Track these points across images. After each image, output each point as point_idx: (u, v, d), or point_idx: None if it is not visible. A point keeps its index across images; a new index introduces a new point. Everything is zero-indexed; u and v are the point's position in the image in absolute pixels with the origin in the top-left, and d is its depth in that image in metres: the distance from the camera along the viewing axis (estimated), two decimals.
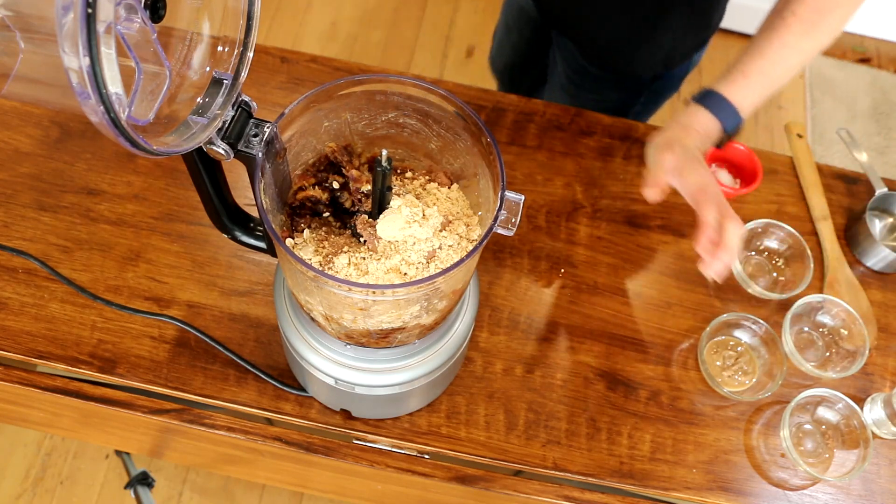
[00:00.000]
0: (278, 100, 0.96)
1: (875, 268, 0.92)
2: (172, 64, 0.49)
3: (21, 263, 0.81)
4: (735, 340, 0.85)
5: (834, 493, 0.79)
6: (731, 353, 0.84)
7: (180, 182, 0.89)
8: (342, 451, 0.78)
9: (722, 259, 0.71)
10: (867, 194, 0.97)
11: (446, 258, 0.58)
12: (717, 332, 0.84)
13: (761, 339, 0.83)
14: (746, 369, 0.83)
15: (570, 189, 0.94)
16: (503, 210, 0.53)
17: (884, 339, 0.88)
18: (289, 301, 0.69)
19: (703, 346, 0.82)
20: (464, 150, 0.61)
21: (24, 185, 0.86)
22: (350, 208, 0.62)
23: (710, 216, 0.72)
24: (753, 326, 0.83)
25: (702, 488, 0.77)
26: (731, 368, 0.83)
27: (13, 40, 0.40)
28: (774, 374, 0.81)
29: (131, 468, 1.37)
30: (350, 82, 0.58)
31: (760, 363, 0.83)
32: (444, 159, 0.63)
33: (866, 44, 2.37)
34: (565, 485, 0.79)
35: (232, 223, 0.65)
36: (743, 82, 0.77)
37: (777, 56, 0.76)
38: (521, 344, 0.83)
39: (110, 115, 0.39)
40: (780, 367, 0.81)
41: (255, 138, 0.53)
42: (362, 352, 0.65)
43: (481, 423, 0.78)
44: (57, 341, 0.78)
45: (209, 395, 0.77)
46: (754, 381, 0.82)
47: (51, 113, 0.91)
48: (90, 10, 0.35)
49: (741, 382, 0.83)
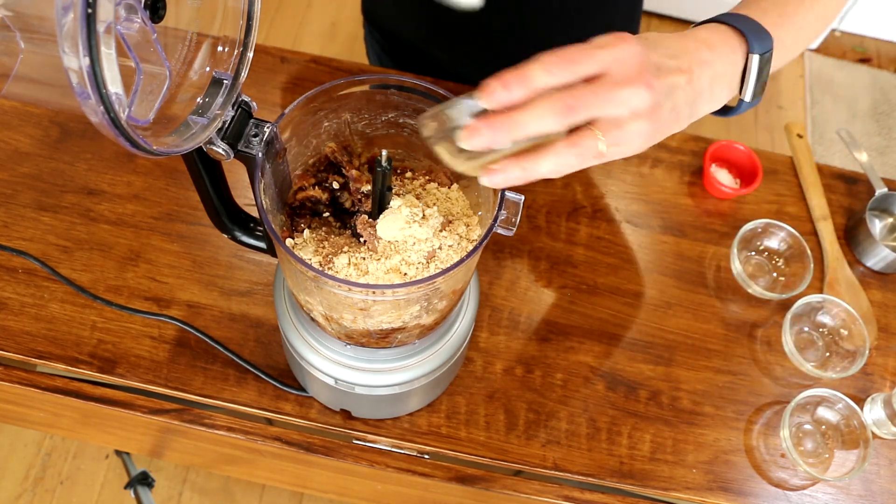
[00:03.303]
0: (278, 100, 0.96)
1: (875, 268, 0.92)
2: (172, 64, 0.49)
3: (21, 263, 0.81)
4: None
5: (834, 493, 0.79)
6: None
7: (180, 182, 0.89)
8: (342, 451, 0.78)
9: (497, 133, 0.45)
10: (867, 194, 0.97)
11: (446, 258, 0.58)
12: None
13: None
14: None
15: (570, 189, 0.94)
16: (503, 210, 0.53)
17: (884, 339, 0.88)
18: (289, 301, 0.69)
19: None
20: None
21: (24, 185, 0.86)
22: (350, 208, 0.62)
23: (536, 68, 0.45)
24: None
25: (702, 488, 0.77)
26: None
27: (13, 40, 0.40)
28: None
29: (131, 468, 1.37)
30: (350, 82, 0.58)
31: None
32: None
33: (866, 44, 2.37)
34: (565, 485, 0.79)
35: (232, 223, 0.65)
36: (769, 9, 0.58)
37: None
38: (521, 344, 0.83)
39: (110, 115, 0.39)
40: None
41: (255, 138, 0.54)
42: (362, 352, 0.65)
43: (481, 423, 0.78)
44: (57, 341, 0.78)
45: (209, 395, 0.77)
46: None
47: (51, 113, 0.91)
48: (90, 10, 0.35)
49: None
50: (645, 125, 0.48)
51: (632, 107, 0.47)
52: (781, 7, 0.59)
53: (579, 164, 0.47)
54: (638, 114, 0.47)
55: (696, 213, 0.94)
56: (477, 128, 0.45)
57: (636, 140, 0.48)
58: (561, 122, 0.45)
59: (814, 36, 0.63)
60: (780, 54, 0.58)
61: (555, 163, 0.46)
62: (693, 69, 0.51)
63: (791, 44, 0.60)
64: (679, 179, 0.96)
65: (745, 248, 0.91)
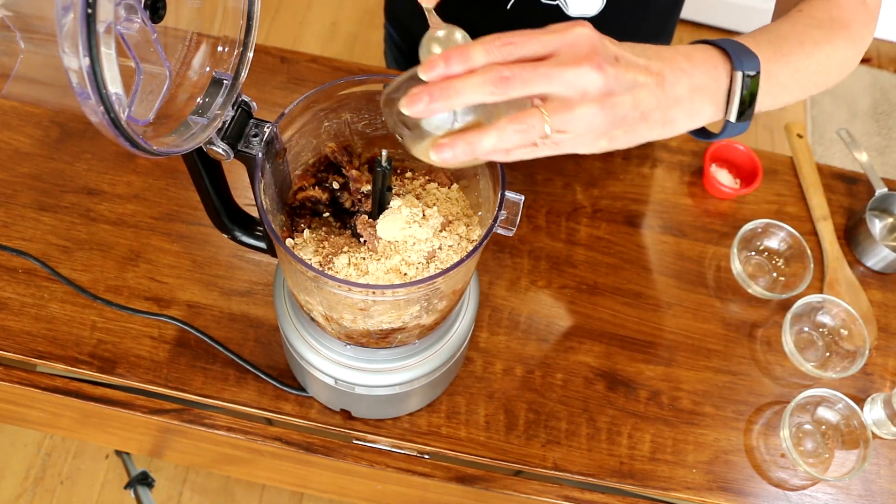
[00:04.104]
0: (278, 100, 0.96)
1: (875, 268, 0.92)
2: (172, 64, 0.49)
3: (21, 263, 0.81)
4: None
5: (834, 493, 0.79)
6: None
7: (180, 182, 0.89)
8: (342, 451, 0.78)
9: (433, 98, 0.45)
10: (867, 194, 0.97)
11: (446, 258, 0.58)
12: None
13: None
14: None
15: (570, 189, 0.94)
16: (503, 210, 0.53)
17: (884, 339, 0.88)
18: (289, 301, 0.69)
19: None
20: None
21: (24, 185, 0.86)
22: (350, 208, 0.62)
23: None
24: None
25: (702, 488, 0.77)
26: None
27: (13, 40, 0.40)
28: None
29: (131, 468, 1.37)
30: (350, 82, 0.58)
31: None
32: None
33: None
34: (565, 485, 0.79)
35: (232, 223, 0.65)
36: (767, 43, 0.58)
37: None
38: (521, 344, 0.83)
39: (110, 115, 0.39)
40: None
41: (255, 138, 0.54)
42: (362, 352, 0.65)
43: (481, 423, 0.78)
44: (57, 341, 0.78)
45: (209, 395, 0.77)
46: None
47: (51, 113, 0.91)
48: (90, 10, 0.35)
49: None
50: (595, 111, 0.46)
51: (579, 87, 0.46)
52: (777, 46, 0.59)
53: (522, 141, 0.46)
54: (587, 97, 0.46)
55: (696, 213, 0.94)
56: (416, 93, 0.45)
57: (583, 126, 0.47)
58: (494, 93, 0.45)
59: (814, 83, 0.62)
60: (775, 90, 0.58)
61: (497, 137, 0.46)
62: (665, 74, 0.50)
63: (787, 82, 0.59)
64: (679, 179, 0.96)
65: (745, 248, 0.91)
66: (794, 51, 0.59)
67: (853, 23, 0.64)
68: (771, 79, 0.57)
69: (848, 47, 0.64)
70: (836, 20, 0.63)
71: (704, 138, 0.59)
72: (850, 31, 0.64)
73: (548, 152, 0.48)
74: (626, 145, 0.50)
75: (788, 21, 0.62)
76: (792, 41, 0.60)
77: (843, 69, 0.65)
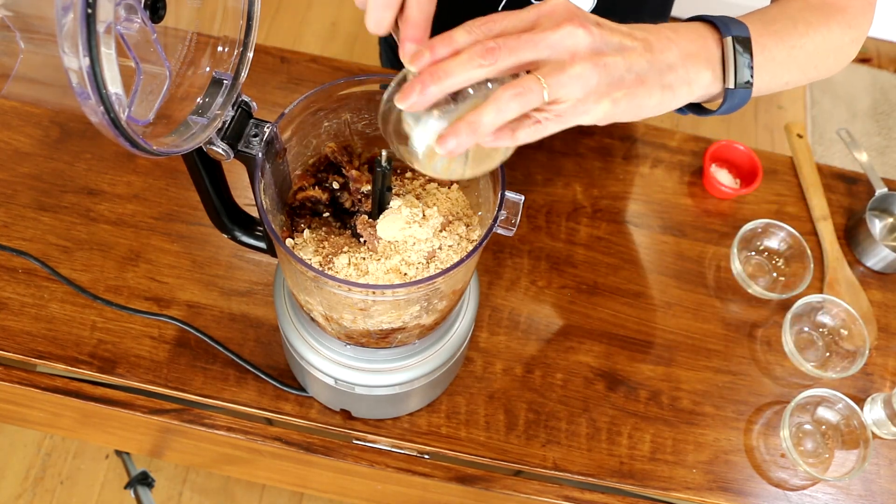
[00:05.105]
0: (278, 100, 0.96)
1: (875, 268, 0.92)
2: (172, 64, 0.49)
3: (21, 263, 0.81)
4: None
5: (834, 493, 0.79)
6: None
7: (180, 182, 0.89)
8: (342, 451, 0.78)
9: (426, 84, 0.45)
10: (867, 194, 0.97)
11: (446, 258, 0.58)
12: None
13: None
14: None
15: (570, 189, 0.94)
16: (503, 210, 0.53)
17: (884, 339, 0.88)
18: (289, 301, 0.69)
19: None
20: None
21: (24, 185, 0.86)
22: (350, 208, 0.62)
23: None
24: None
25: (702, 488, 0.77)
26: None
27: (13, 40, 0.40)
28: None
29: (131, 468, 1.37)
30: (350, 82, 0.58)
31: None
32: None
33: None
34: (565, 485, 0.79)
35: (232, 223, 0.65)
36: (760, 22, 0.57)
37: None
38: (521, 344, 0.83)
39: (110, 115, 0.39)
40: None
41: (255, 138, 0.54)
42: (362, 352, 0.65)
43: (481, 423, 0.78)
44: (57, 341, 0.78)
45: (209, 395, 0.77)
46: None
47: (51, 113, 0.91)
48: (90, 10, 0.35)
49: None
50: (588, 69, 0.46)
51: (567, 48, 0.46)
52: (767, 23, 0.58)
53: (521, 107, 0.45)
54: (577, 55, 0.46)
55: (696, 213, 0.94)
56: (407, 86, 0.45)
57: (580, 87, 0.46)
58: (483, 65, 0.45)
59: (812, 65, 0.62)
60: (772, 67, 0.58)
61: (497, 109, 0.45)
62: (651, 41, 0.50)
63: (783, 59, 0.59)
64: (679, 179, 0.96)
65: (745, 248, 0.91)
66: (786, 28, 0.59)
67: (849, 7, 0.64)
68: (765, 52, 0.56)
69: (844, 32, 0.63)
70: (830, 4, 0.63)
71: (706, 114, 0.58)
72: (846, 16, 0.63)
73: (553, 127, 0.47)
74: (630, 114, 0.49)
75: (779, 5, 0.62)
76: (783, 20, 0.59)
77: (840, 55, 0.64)
